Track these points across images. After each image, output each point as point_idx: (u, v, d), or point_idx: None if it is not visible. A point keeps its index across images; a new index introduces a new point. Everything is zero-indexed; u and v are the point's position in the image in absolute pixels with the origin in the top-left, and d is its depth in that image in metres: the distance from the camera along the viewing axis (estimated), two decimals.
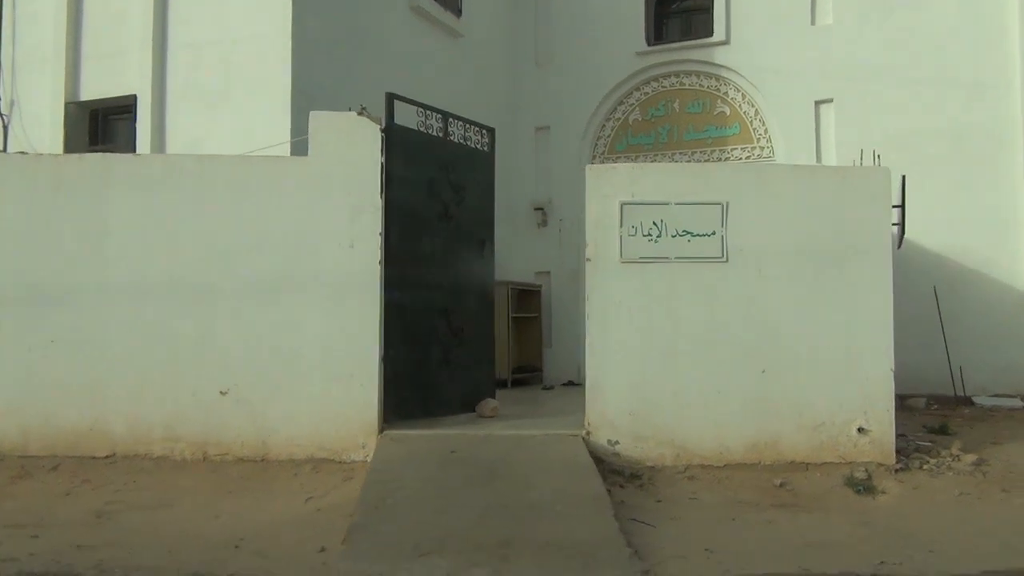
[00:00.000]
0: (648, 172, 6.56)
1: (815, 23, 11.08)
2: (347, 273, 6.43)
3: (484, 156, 7.65)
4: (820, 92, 10.96)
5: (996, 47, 10.25)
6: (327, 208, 6.46)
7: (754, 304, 6.42)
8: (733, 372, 6.38)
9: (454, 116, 7.34)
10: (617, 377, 6.38)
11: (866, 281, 6.40)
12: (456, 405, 7.24)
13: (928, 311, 10.22)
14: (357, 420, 6.36)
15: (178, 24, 8.33)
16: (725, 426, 6.35)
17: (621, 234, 6.42)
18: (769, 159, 11.19)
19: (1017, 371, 10.01)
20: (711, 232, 6.41)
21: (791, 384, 6.37)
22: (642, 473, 6.19)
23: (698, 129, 11.69)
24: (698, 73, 11.73)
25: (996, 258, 10.15)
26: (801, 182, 6.53)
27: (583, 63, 12.13)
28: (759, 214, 6.43)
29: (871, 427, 6.32)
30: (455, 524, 4.90)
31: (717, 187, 6.45)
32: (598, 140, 12.20)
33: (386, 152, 6.64)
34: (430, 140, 7.06)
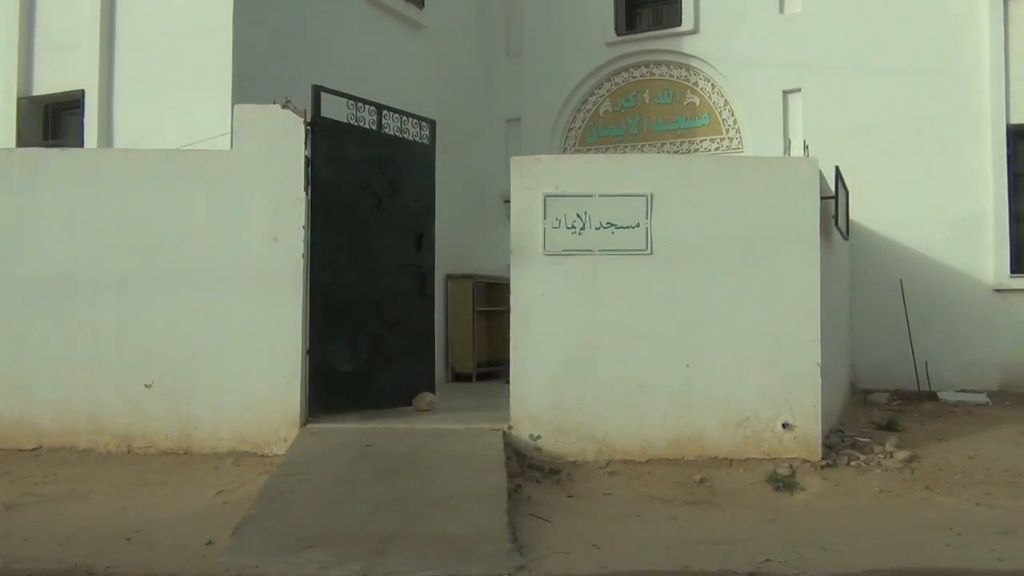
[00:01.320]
0: (573, 164, 6.50)
1: (784, 11, 10.94)
2: (270, 266, 6.43)
3: (423, 148, 7.61)
4: (788, 82, 10.82)
5: (965, 36, 10.07)
6: (250, 201, 6.46)
7: (679, 297, 6.34)
8: (657, 366, 6.31)
9: (389, 108, 7.29)
10: (539, 371, 6.33)
11: (793, 274, 6.30)
12: (390, 399, 7.22)
13: (895, 305, 10.10)
14: (279, 413, 6.36)
15: (125, 18, 8.32)
16: (648, 421, 6.29)
17: (545, 226, 6.37)
18: (738, 150, 11.07)
19: (984, 366, 9.86)
20: (635, 224, 6.33)
21: (716, 378, 6.29)
22: (562, 468, 6.15)
23: (668, 120, 11.58)
24: (668, 63, 11.61)
25: (963, 250, 9.99)
26: (727, 173, 6.43)
27: (553, 54, 12.04)
28: (685, 206, 6.35)
29: (796, 423, 6.23)
30: (346, 518, 4.89)
31: (642, 179, 6.37)
32: (569, 132, 12.11)
33: (313, 145, 6.62)
34: (361, 132, 7.03)
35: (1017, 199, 9.96)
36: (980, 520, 5.28)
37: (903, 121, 10.28)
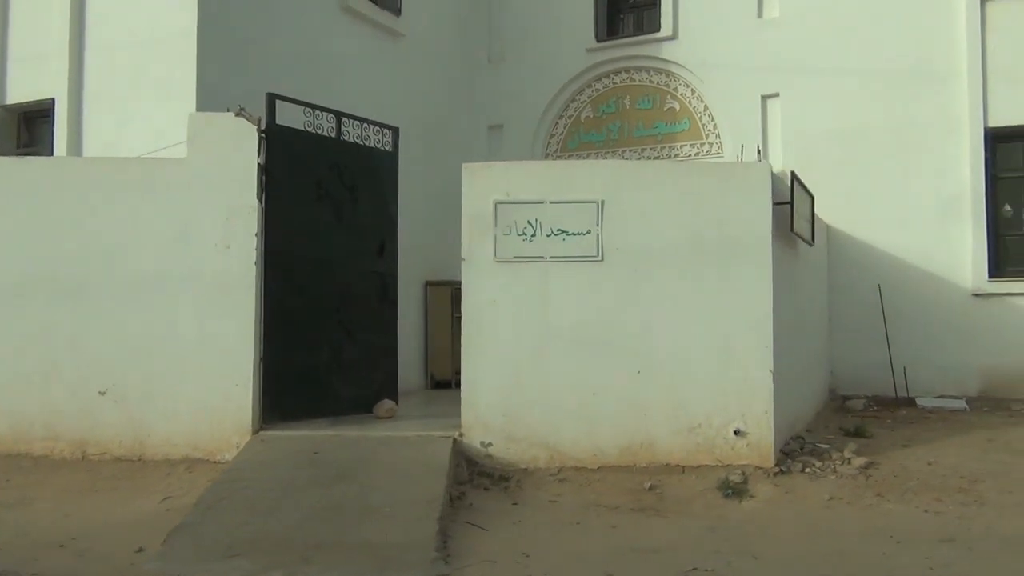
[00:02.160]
0: (524, 170, 6.48)
1: (762, 16, 10.90)
2: (223, 274, 6.45)
3: (385, 155, 7.62)
4: (766, 86, 10.78)
5: (943, 38, 9.98)
6: (204, 209, 6.48)
7: (630, 303, 6.30)
8: (608, 373, 6.27)
9: (349, 116, 7.30)
10: (491, 378, 6.31)
11: (746, 280, 6.26)
12: (350, 406, 7.20)
13: (874, 310, 10.02)
14: (232, 421, 6.37)
15: (94, 27, 8.38)
16: (599, 428, 6.25)
17: (496, 233, 6.35)
18: (718, 155, 11.03)
19: (962, 371, 9.76)
20: (586, 231, 6.31)
21: (667, 385, 6.25)
22: (512, 475, 6.12)
23: (648, 126, 11.55)
24: (648, 69, 11.59)
25: (942, 254, 9.89)
26: (679, 179, 6.40)
27: (535, 60, 12.05)
28: (636, 212, 6.32)
29: (749, 429, 6.18)
30: (278, 526, 4.89)
31: (593, 185, 6.35)
32: (551, 138, 12.11)
33: (268, 153, 6.64)
34: (319, 140, 7.04)
35: (996, 202, 9.85)
36: (924, 527, 5.21)
37: (881, 124, 10.21)
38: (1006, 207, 9.87)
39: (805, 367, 8.04)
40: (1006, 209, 9.87)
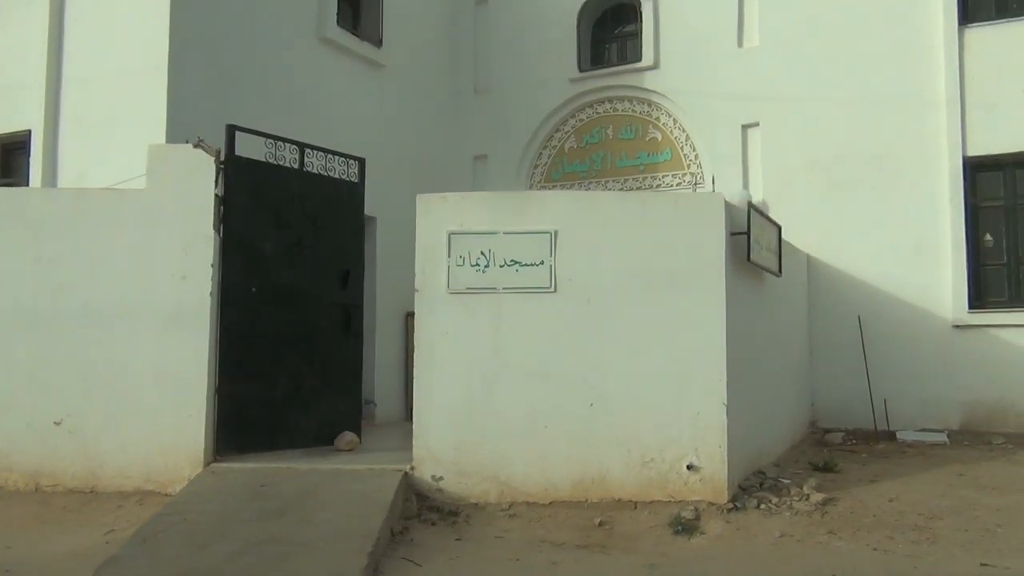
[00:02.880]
0: (477, 201, 6.47)
1: (742, 45, 10.89)
2: (179, 305, 6.47)
3: (350, 187, 7.64)
4: (746, 115, 10.76)
5: (921, 66, 9.95)
6: (161, 240, 6.52)
7: (583, 335, 6.26)
8: (560, 405, 6.22)
9: (312, 147, 7.34)
10: (442, 411, 6.27)
11: (699, 310, 6.20)
12: (310, 438, 7.18)
13: (854, 341, 9.91)
14: (184, 453, 6.36)
15: (70, 59, 8.50)
16: (551, 462, 6.19)
17: (449, 264, 6.34)
18: (700, 185, 11.00)
19: (944, 404, 9.61)
20: (539, 262, 6.29)
21: (620, 418, 6.18)
22: (461, 510, 6.06)
23: (631, 156, 11.55)
24: (630, 99, 11.60)
25: (922, 285, 9.78)
26: (632, 210, 6.37)
27: (520, 91, 12.09)
28: (589, 243, 6.29)
29: (702, 464, 6.10)
30: (210, 559, 4.85)
31: (546, 216, 6.33)
32: (535, 168, 12.13)
33: (227, 184, 6.68)
34: (281, 171, 7.08)
35: (975, 232, 9.75)
36: (869, 566, 5.10)
37: (861, 153, 10.16)
38: (987, 237, 9.77)
39: (773, 399, 7.93)
40: (987, 239, 9.77)
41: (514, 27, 12.21)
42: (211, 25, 8.35)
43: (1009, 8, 9.84)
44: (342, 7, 10.37)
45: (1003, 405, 9.39)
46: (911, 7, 10.02)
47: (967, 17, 9.90)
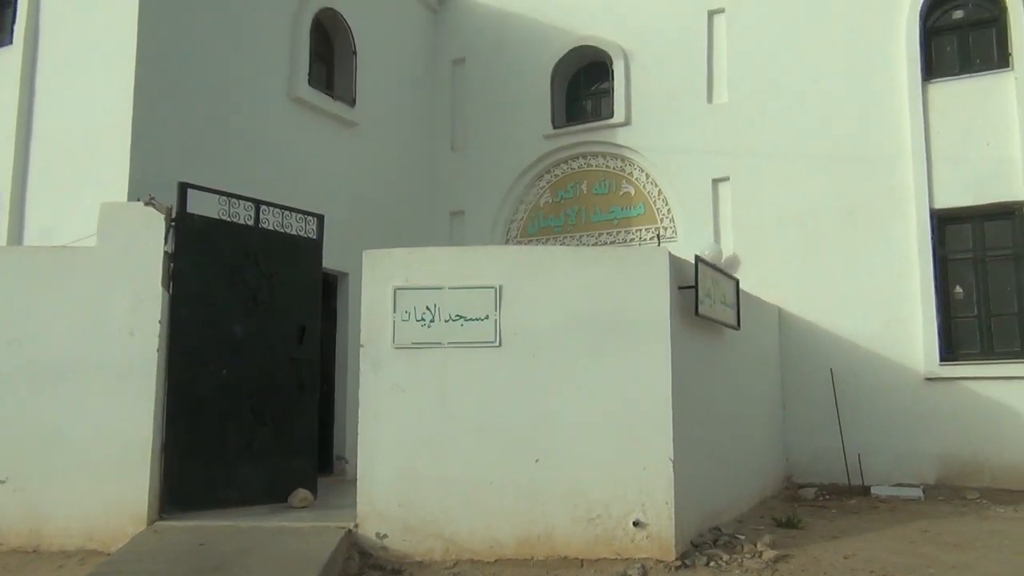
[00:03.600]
0: (423, 256, 6.48)
1: (712, 102, 11.02)
2: (127, 361, 6.47)
3: (308, 243, 7.68)
4: (717, 170, 10.84)
5: (887, 120, 10.04)
6: (111, 297, 6.55)
7: (529, 390, 6.22)
8: (505, 461, 6.15)
9: (268, 204, 7.40)
10: (387, 467, 6.21)
11: (645, 365, 6.16)
12: (263, 495, 7.09)
13: (828, 395, 9.82)
14: (128, 511, 6.30)
15: (40, 119, 8.65)
16: (497, 519, 6.10)
17: (395, 319, 6.33)
18: (672, 240, 11.03)
19: (919, 459, 9.48)
20: (485, 316, 6.28)
21: (566, 474, 6.10)
22: (405, 568, 5.96)
23: (605, 210, 11.62)
24: (604, 154, 11.72)
25: (894, 338, 9.73)
26: (578, 264, 6.37)
27: (496, 147, 12.24)
28: (535, 297, 6.29)
29: (649, 520, 5.99)
30: None
31: (491, 271, 6.34)
32: (511, 223, 12.20)
33: (179, 241, 6.73)
34: (234, 228, 7.13)
35: (947, 285, 9.71)
36: None
37: (831, 207, 10.19)
38: (957, 289, 9.73)
39: (735, 453, 7.83)
40: (957, 291, 9.73)
41: (490, 85, 12.41)
42: (178, 86, 8.50)
43: (972, 64, 9.94)
44: (315, 67, 10.58)
45: (978, 459, 9.25)
46: (876, 63, 10.14)
47: (931, 73, 10.01)
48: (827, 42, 10.39)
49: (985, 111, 9.63)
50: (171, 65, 8.45)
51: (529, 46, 12.14)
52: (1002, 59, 9.70)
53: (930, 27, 10.16)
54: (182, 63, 8.58)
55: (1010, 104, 9.49)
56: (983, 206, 9.57)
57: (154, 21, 8.29)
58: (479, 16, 12.63)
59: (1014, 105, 9.45)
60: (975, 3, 10.03)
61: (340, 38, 10.94)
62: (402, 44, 12.23)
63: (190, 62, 8.68)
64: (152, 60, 8.22)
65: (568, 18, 11.94)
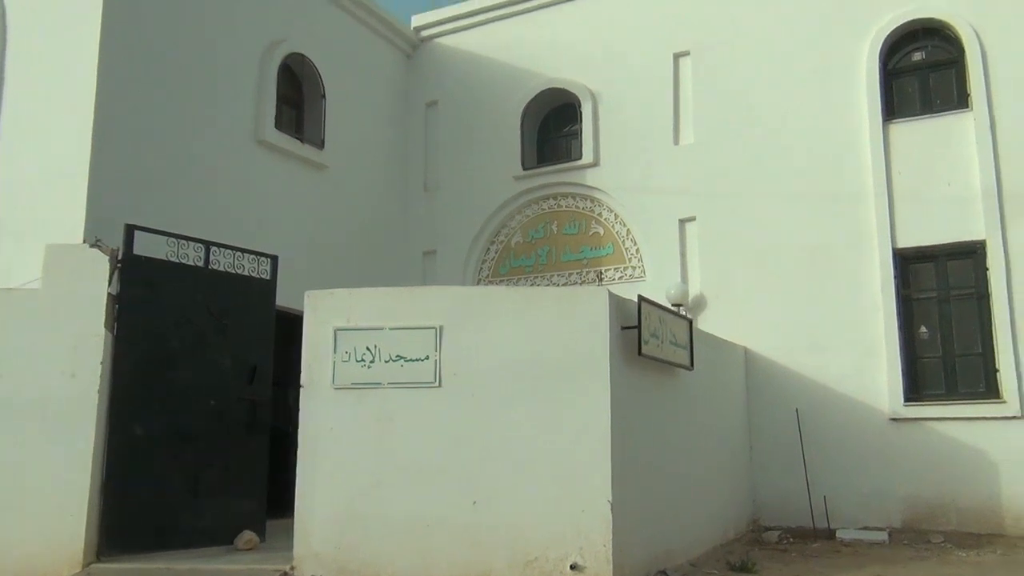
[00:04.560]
0: (365, 297, 6.50)
1: (678, 143, 11.09)
2: (68, 402, 6.47)
3: (260, 284, 7.69)
4: (684, 210, 10.88)
5: (849, 159, 10.08)
6: (53, 338, 6.56)
7: (467, 430, 6.18)
8: (444, 502, 6.09)
9: (219, 245, 7.44)
10: (325, 508, 6.16)
11: (584, 406, 6.13)
12: (207, 538, 7.02)
13: (794, 436, 9.73)
14: (64, 553, 6.25)
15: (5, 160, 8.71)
16: (435, 561, 6.02)
17: (335, 360, 6.32)
18: (640, 279, 11.03)
19: (885, 500, 9.37)
20: (425, 357, 6.26)
21: (504, 515, 6.04)
22: None
23: (575, 250, 11.65)
24: (574, 195, 11.78)
25: (858, 378, 9.66)
26: (518, 305, 6.37)
27: (467, 188, 12.31)
28: (475, 338, 6.28)
29: (586, 563, 5.92)
30: None
31: (432, 311, 6.34)
32: (483, 263, 12.23)
33: (124, 283, 6.76)
34: (183, 269, 7.16)
35: (910, 324, 9.68)
36: None
37: (796, 246, 10.19)
38: (922, 329, 9.69)
39: (688, 496, 7.75)
40: (922, 331, 9.69)
41: (463, 127, 12.52)
42: (140, 128, 8.59)
43: (932, 104, 10.01)
44: (284, 110, 10.71)
45: (944, 501, 9.13)
46: (839, 104, 10.21)
47: (892, 113, 10.07)
48: (790, 84, 10.47)
49: (946, 151, 9.67)
50: (133, 107, 8.55)
51: (500, 88, 12.26)
52: (962, 100, 9.76)
53: (892, 68, 10.24)
54: (145, 105, 8.68)
55: (970, 144, 9.52)
56: (945, 245, 9.56)
57: (115, 61, 8.41)
58: (452, 59, 12.79)
59: (973, 145, 9.48)
60: (935, 45, 10.12)
61: (309, 81, 11.07)
62: (375, 87, 12.37)
63: (153, 104, 8.78)
64: (112, 100, 8.32)
65: (538, 61, 12.07)
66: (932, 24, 9.97)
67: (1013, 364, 9.01)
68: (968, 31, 9.66)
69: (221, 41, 9.70)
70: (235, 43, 9.86)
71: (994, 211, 9.27)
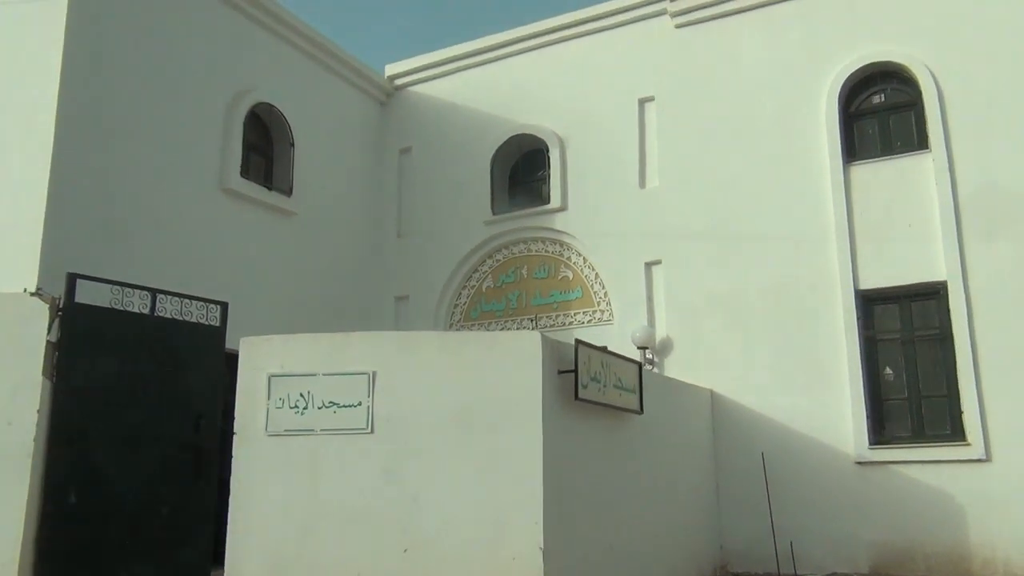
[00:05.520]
0: (299, 343, 6.49)
1: (644, 186, 11.14)
2: (3, 450, 6.44)
3: (208, 331, 7.69)
4: (650, 253, 10.90)
5: (811, 201, 10.10)
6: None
7: (400, 478, 6.11)
8: (375, 551, 6.00)
9: (166, 292, 7.45)
10: (257, 557, 6.09)
11: (516, 452, 6.06)
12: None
13: (761, 479, 9.60)
14: None
15: None
16: None
17: (269, 407, 6.30)
18: (608, 323, 11.04)
19: (852, 545, 9.22)
20: (357, 403, 6.23)
21: (434, 563, 5.94)
22: None
23: (545, 294, 11.66)
24: (543, 239, 11.82)
25: (824, 419, 9.57)
26: (450, 351, 6.35)
27: (439, 233, 12.39)
28: (408, 384, 6.24)
29: None
30: None
31: (365, 357, 6.32)
32: (455, 308, 12.25)
33: (65, 331, 6.77)
34: (127, 317, 7.16)
35: (875, 366, 9.59)
36: None
37: (760, 288, 10.17)
38: (887, 371, 9.61)
39: (640, 542, 7.61)
40: (887, 373, 9.60)
41: (435, 173, 12.65)
42: (99, 178, 8.70)
43: (892, 146, 10.03)
44: (253, 158, 10.83)
45: (912, 546, 8.97)
46: (800, 146, 10.26)
47: (853, 155, 10.10)
48: (753, 127, 10.53)
49: (906, 192, 9.67)
50: (93, 155, 8.67)
51: (472, 134, 12.40)
52: (921, 141, 9.79)
53: (854, 111, 10.30)
54: (106, 153, 8.80)
55: (929, 185, 9.52)
56: (908, 286, 9.52)
57: (75, 109, 8.55)
58: (425, 106, 12.95)
59: (932, 186, 9.47)
60: (894, 88, 10.17)
61: (278, 130, 11.21)
62: (347, 135, 12.52)
63: (115, 152, 8.90)
64: (72, 148, 8.44)
65: (508, 107, 12.21)
66: (889, 67, 10.04)
67: (976, 406, 8.90)
68: (924, 73, 9.71)
69: (187, 90, 9.85)
70: (201, 92, 10.02)
71: (954, 252, 9.23)
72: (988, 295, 9.05)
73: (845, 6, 10.33)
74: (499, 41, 12.41)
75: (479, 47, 12.57)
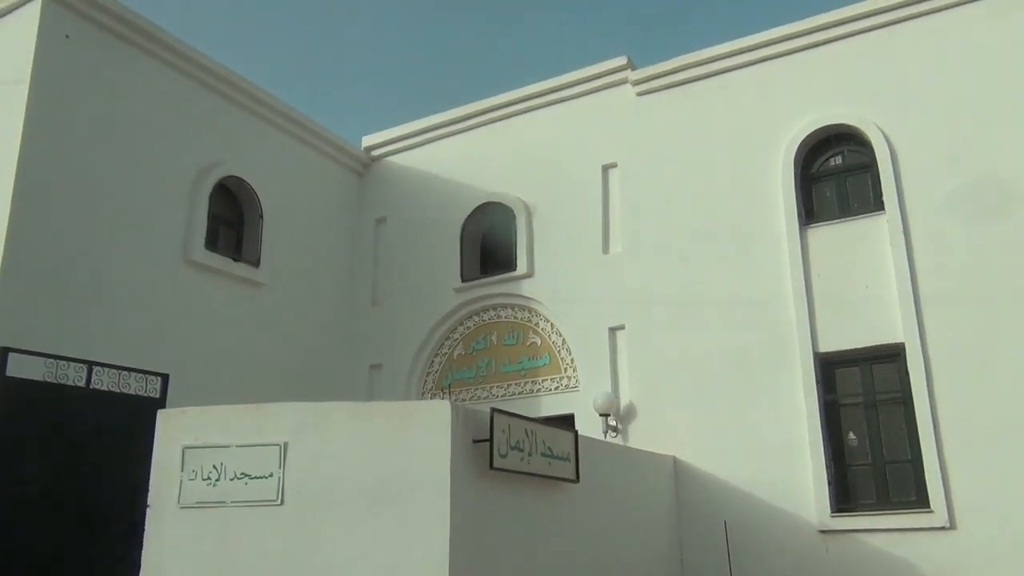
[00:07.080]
0: (215, 415, 6.50)
1: (608, 251, 11.15)
2: None
3: (147, 402, 7.76)
4: (613, 319, 10.85)
5: (771, 265, 10.02)
6: None
7: (309, 550, 6.05)
8: None
9: (103, 364, 7.57)
10: None
11: (425, 524, 5.97)
12: None
13: (723, 550, 9.34)
14: None
15: None
16: None
17: (182, 478, 6.28)
18: (575, 389, 10.95)
19: None
20: (269, 474, 6.20)
21: None
22: None
23: (513, 361, 11.62)
24: (512, 306, 11.83)
25: (787, 486, 9.33)
26: (362, 420, 6.32)
27: (411, 301, 12.45)
28: (319, 455, 6.21)
29: None
30: None
31: (277, 428, 6.31)
32: (427, 376, 12.24)
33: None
34: (61, 390, 7.28)
35: (838, 431, 9.37)
36: None
37: (721, 352, 10.04)
38: (850, 435, 9.38)
39: None
40: (851, 437, 9.37)
41: (409, 241, 12.78)
42: (55, 250, 8.88)
43: (850, 208, 9.97)
44: (222, 229, 11.03)
45: None
46: (758, 210, 10.23)
47: (811, 217, 10.05)
48: (713, 191, 10.54)
49: (863, 254, 9.57)
50: (53, 223, 8.84)
51: (443, 202, 12.54)
52: (877, 202, 9.71)
53: (813, 173, 10.28)
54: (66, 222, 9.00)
55: (885, 246, 9.42)
56: (867, 348, 9.35)
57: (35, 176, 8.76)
58: (400, 176, 13.16)
59: (888, 247, 9.37)
60: (851, 150, 10.15)
61: (247, 202, 11.42)
62: (325, 205, 12.74)
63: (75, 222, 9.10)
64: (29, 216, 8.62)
65: (478, 175, 12.36)
66: (843, 130, 10.03)
67: (938, 471, 8.64)
68: (878, 135, 9.69)
69: (152, 163, 10.07)
70: (167, 165, 10.25)
71: (911, 314, 9.08)
72: (947, 358, 8.86)
73: (800, 71, 10.39)
74: (469, 112, 12.62)
75: (451, 117, 12.79)
